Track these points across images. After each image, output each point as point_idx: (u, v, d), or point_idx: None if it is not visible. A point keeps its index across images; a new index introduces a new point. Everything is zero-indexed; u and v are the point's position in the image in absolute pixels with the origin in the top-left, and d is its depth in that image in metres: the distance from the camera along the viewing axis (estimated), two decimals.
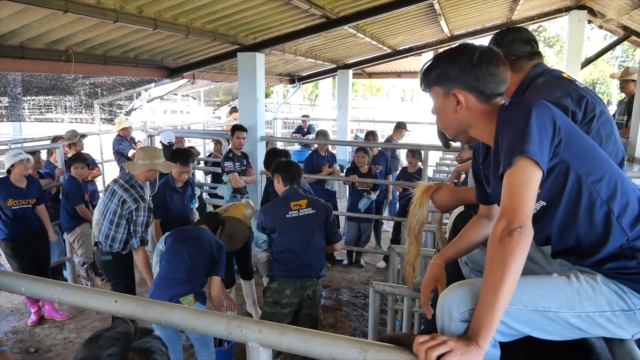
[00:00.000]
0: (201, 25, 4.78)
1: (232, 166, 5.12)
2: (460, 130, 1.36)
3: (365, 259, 6.27)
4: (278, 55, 7.11)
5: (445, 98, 1.31)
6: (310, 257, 3.18)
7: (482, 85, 1.27)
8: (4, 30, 3.70)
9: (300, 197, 3.22)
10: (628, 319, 1.20)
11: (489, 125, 1.29)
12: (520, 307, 1.18)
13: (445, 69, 1.30)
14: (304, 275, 3.17)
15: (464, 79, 1.27)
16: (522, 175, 1.12)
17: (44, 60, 4.41)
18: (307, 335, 1.14)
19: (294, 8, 4.67)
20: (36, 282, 1.47)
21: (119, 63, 5.28)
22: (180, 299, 3.08)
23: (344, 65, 9.70)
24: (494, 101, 1.29)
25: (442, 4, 6.00)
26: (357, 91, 31.40)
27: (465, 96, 1.28)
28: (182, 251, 3.21)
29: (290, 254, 3.15)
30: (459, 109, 1.30)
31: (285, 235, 3.16)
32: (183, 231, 3.46)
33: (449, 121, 1.35)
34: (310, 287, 3.19)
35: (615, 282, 1.22)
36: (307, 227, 3.18)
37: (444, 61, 1.31)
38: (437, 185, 1.87)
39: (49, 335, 4.27)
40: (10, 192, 4.20)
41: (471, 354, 1.04)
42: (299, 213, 3.18)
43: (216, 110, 13.25)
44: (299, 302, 3.19)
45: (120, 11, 3.76)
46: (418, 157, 5.87)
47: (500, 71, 1.28)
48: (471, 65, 1.27)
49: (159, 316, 1.27)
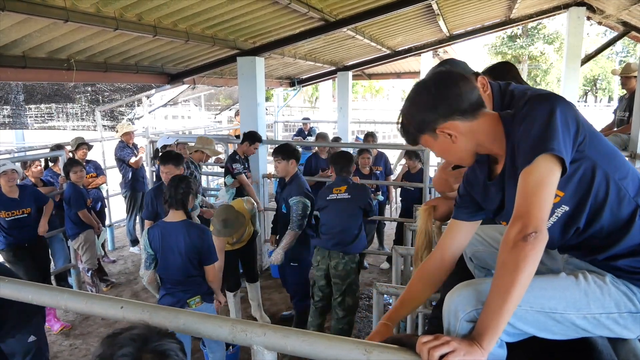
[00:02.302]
0: (201, 31, 4.81)
1: (241, 168, 5.07)
2: (472, 154, 1.30)
3: (368, 260, 6.27)
4: (277, 58, 7.14)
5: (437, 139, 1.27)
6: (338, 234, 3.72)
7: (457, 107, 1.22)
8: (6, 41, 3.73)
9: (343, 183, 3.85)
10: (635, 321, 1.19)
11: (498, 136, 1.24)
12: (526, 308, 1.18)
13: (416, 117, 1.26)
14: (332, 248, 3.74)
15: (438, 114, 1.23)
16: (541, 173, 1.07)
17: (46, 69, 4.44)
18: (312, 337, 1.15)
19: (292, 12, 4.69)
20: (43, 290, 1.49)
21: (120, 70, 5.30)
22: (188, 301, 3.09)
23: (343, 67, 9.72)
24: (482, 110, 1.25)
25: (440, 4, 6.01)
26: (357, 92, 31.43)
27: (451, 126, 1.23)
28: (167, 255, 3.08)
29: (325, 229, 3.80)
30: (455, 140, 1.25)
31: (324, 213, 3.84)
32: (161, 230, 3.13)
33: (457, 155, 1.30)
34: (334, 259, 3.74)
35: (625, 282, 1.20)
36: (341, 208, 3.76)
37: (411, 111, 1.28)
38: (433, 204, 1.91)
39: (55, 341, 4.29)
40: (1, 204, 4.22)
41: (474, 355, 1.03)
42: (337, 196, 3.80)
43: (217, 115, 13.28)
44: (326, 269, 3.81)
45: (120, 19, 3.79)
46: (416, 159, 5.85)
47: (461, 86, 1.23)
48: (433, 100, 1.23)
49: (164, 321, 1.29)
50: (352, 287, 3.80)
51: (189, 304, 3.10)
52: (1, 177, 4.20)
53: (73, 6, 3.35)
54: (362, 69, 10.73)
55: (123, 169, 6.37)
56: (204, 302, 3.17)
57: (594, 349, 1.33)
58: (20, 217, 4.31)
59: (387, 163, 6.58)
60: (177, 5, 3.88)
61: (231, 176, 5.05)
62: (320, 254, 3.83)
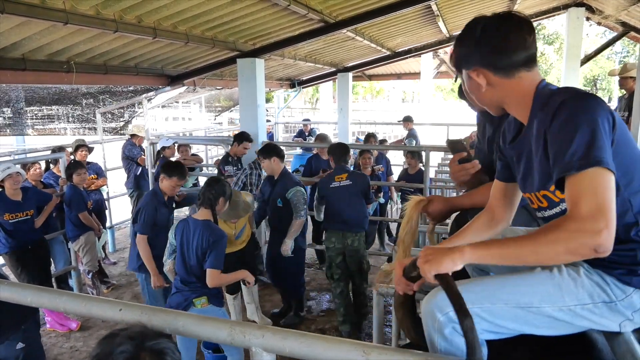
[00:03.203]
0: (200, 33, 4.81)
1: (232, 170, 5.15)
2: (497, 107, 1.32)
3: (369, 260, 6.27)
4: (277, 60, 7.15)
5: (469, 80, 1.29)
6: (348, 216, 4.19)
7: (493, 60, 1.22)
8: (6, 43, 3.74)
9: (344, 171, 4.28)
10: (610, 310, 1.21)
11: (522, 106, 1.25)
12: (501, 305, 1.21)
13: (458, 52, 1.28)
14: (343, 229, 4.20)
15: (474, 58, 1.24)
16: (601, 181, 1.04)
17: (46, 71, 4.45)
18: (310, 339, 1.15)
19: (292, 13, 4.70)
20: (42, 292, 1.49)
21: (120, 72, 5.31)
22: (194, 300, 3.08)
23: (343, 69, 9.72)
24: (517, 74, 1.23)
25: (439, 5, 6.02)
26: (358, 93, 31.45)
27: (483, 74, 1.24)
28: (183, 250, 3.14)
29: (335, 214, 4.23)
30: (482, 88, 1.27)
31: (330, 200, 4.24)
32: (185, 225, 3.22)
33: (482, 101, 1.33)
34: (349, 238, 4.22)
35: (599, 272, 1.22)
36: (346, 194, 4.20)
37: (457, 45, 1.29)
38: (428, 198, 1.90)
39: (55, 344, 4.29)
40: (5, 207, 4.23)
41: (453, 254, 1.12)
42: (340, 184, 4.23)
43: (217, 117, 13.30)
44: (342, 247, 4.24)
45: (119, 21, 3.79)
46: (418, 159, 5.87)
47: (510, 40, 1.20)
48: (475, 42, 1.23)
49: (162, 323, 1.29)
50: (364, 254, 4.41)
51: (194, 304, 3.09)
52: (6, 180, 4.21)
53: (73, 8, 3.36)
54: (363, 70, 10.75)
55: (130, 167, 6.44)
56: (210, 304, 3.14)
57: (594, 347, 1.34)
58: (23, 219, 4.32)
59: (388, 164, 6.59)
60: (176, 7, 3.88)
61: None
62: (334, 236, 4.25)
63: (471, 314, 1.22)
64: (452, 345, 1.23)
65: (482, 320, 1.22)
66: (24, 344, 2.81)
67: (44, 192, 4.81)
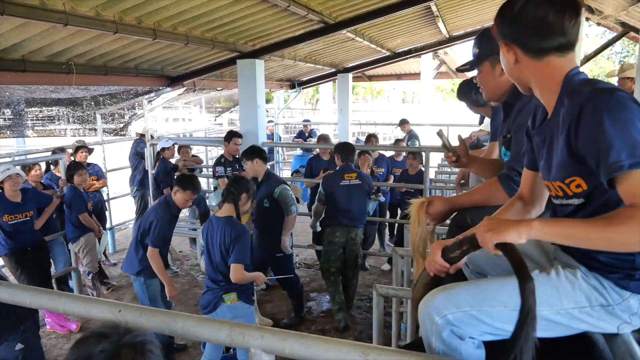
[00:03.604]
0: (200, 34, 4.82)
1: (223, 171, 5.23)
2: (525, 85, 1.30)
3: (369, 261, 6.27)
4: (277, 61, 7.15)
5: (502, 53, 1.29)
6: (354, 213, 4.51)
7: (525, 39, 1.20)
8: (6, 45, 3.74)
9: (352, 171, 4.56)
10: (607, 313, 1.21)
11: (548, 91, 1.23)
12: (500, 307, 1.20)
13: (498, 23, 1.27)
14: (348, 224, 4.50)
15: (509, 32, 1.23)
16: None
17: (46, 72, 4.45)
18: (309, 340, 1.15)
19: (291, 14, 4.70)
20: (41, 293, 1.49)
21: (120, 73, 5.31)
22: (223, 296, 3.12)
23: (343, 69, 9.73)
24: (547, 58, 1.20)
25: (439, 5, 6.02)
26: (358, 94, 31.46)
27: (513, 50, 1.24)
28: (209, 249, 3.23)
29: (342, 210, 4.49)
30: (510, 64, 1.26)
31: (338, 196, 4.47)
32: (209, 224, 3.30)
33: (510, 75, 1.32)
34: (353, 232, 4.54)
35: (596, 276, 1.22)
36: (355, 192, 4.51)
37: (497, 14, 1.28)
38: (429, 199, 1.89)
39: (55, 345, 4.29)
40: (4, 208, 4.22)
41: (519, 225, 1.10)
42: (350, 182, 4.50)
43: (217, 117, 13.30)
44: (345, 241, 4.53)
45: (119, 22, 3.80)
46: (419, 159, 5.88)
47: (547, 23, 1.16)
48: (512, 17, 1.22)
49: (162, 324, 1.29)
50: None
51: (224, 299, 3.13)
52: (6, 182, 4.21)
53: (72, 10, 3.36)
54: (363, 70, 10.75)
55: (138, 164, 6.52)
56: (240, 301, 3.17)
57: (594, 347, 1.34)
58: (22, 220, 4.32)
59: (388, 164, 6.59)
60: (176, 8, 3.89)
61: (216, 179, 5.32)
62: (339, 230, 4.53)
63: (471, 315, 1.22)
64: (449, 348, 1.22)
65: (481, 322, 1.22)
66: (23, 345, 2.82)
67: (44, 194, 4.81)
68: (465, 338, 1.23)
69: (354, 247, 4.60)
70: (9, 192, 4.25)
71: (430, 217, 1.88)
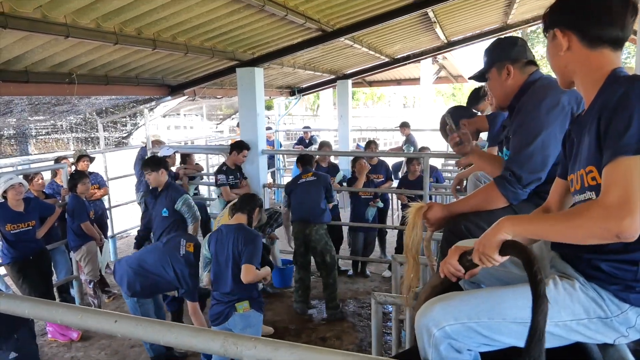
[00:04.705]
0: (199, 43, 4.86)
1: (225, 179, 5.31)
2: (567, 77, 1.30)
3: (370, 268, 6.28)
4: (277, 68, 7.19)
5: (553, 40, 1.29)
6: (308, 209, 4.78)
7: (584, 26, 1.21)
8: (9, 57, 3.78)
9: (309, 172, 4.99)
10: (605, 325, 1.20)
11: (592, 83, 1.22)
12: (499, 320, 1.20)
13: (551, 12, 1.29)
14: (304, 219, 4.78)
15: (567, 18, 1.24)
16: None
17: (48, 83, 4.50)
18: (301, 350, 1.16)
19: (289, 23, 4.74)
20: (38, 304, 1.50)
21: (121, 83, 5.36)
22: (236, 305, 3.15)
23: (343, 76, 9.76)
24: (600, 49, 1.21)
25: (436, 12, 6.05)
26: (359, 100, 31.49)
27: (567, 36, 1.24)
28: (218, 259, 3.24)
29: (298, 206, 4.84)
30: (561, 51, 1.26)
31: (294, 194, 4.88)
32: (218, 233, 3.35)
33: (556, 66, 1.31)
34: (308, 228, 4.77)
35: (594, 287, 1.21)
36: (310, 189, 4.83)
37: (552, 5, 1.29)
38: (428, 205, 1.91)
39: (56, 354, 4.31)
40: (7, 217, 4.27)
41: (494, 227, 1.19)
42: (305, 180, 4.89)
43: (218, 125, 13.34)
44: (303, 237, 4.79)
45: (119, 34, 3.84)
46: (417, 164, 5.88)
47: (610, 13, 1.18)
48: (573, 4, 1.23)
49: (157, 335, 1.31)
50: (327, 247, 4.83)
51: (236, 308, 3.15)
52: (9, 191, 4.25)
53: (73, 22, 3.40)
54: (362, 76, 10.78)
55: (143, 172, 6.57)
56: (252, 309, 3.20)
57: (589, 356, 1.34)
58: (25, 229, 4.36)
59: (387, 170, 6.60)
60: (175, 19, 3.93)
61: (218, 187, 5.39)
62: (296, 227, 4.85)
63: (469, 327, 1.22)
64: None
65: (479, 335, 1.22)
66: (17, 354, 2.83)
67: (47, 203, 4.85)
68: (463, 351, 1.23)
69: (316, 245, 4.76)
70: (12, 201, 4.29)
71: (428, 222, 1.90)
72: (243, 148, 5.42)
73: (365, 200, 5.98)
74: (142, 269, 3.60)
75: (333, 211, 5.86)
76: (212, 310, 3.28)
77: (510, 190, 1.79)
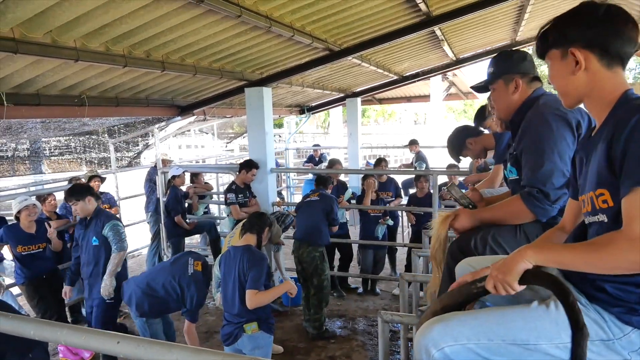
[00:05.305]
0: (208, 65, 4.94)
1: (234, 198, 5.34)
2: (577, 98, 1.26)
3: (380, 286, 6.21)
4: (286, 87, 7.27)
5: (563, 59, 1.23)
6: (307, 229, 4.76)
7: (607, 43, 1.16)
8: (20, 80, 3.88)
9: (316, 192, 5.00)
10: (607, 348, 1.18)
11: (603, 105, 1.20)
12: (498, 341, 1.19)
13: (564, 29, 1.22)
14: (301, 239, 4.80)
15: (586, 37, 1.17)
16: None
17: (59, 105, 4.59)
18: None
19: (296, 43, 4.81)
20: (43, 325, 1.51)
21: (131, 104, 5.45)
22: (244, 326, 3.14)
23: (352, 94, 9.83)
24: (615, 68, 1.18)
25: (443, 30, 6.09)
26: (370, 117, 31.62)
27: (585, 55, 1.18)
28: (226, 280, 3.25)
29: (299, 224, 4.88)
30: (577, 70, 1.20)
31: (300, 212, 4.94)
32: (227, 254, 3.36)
33: (566, 86, 1.25)
34: (301, 249, 4.76)
35: (597, 309, 1.19)
36: (311, 209, 4.84)
37: (563, 22, 1.23)
38: (455, 213, 1.90)
39: None
40: (19, 239, 4.32)
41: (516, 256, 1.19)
42: (311, 199, 4.92)
43: (229, 144, 13.46)
44: (297, 256, 4.81)
45: (128, 56, 3.92)
46: (427, 182, 5.86)
47: (629, 29, 1.16)
48: (595, 20, 1.17)
49: (157, 355, 1.30)
50: (317, 270, 4.73)
51: (245, 329, 3.14)
52: (22, 212, 4.30)
53: (83, 46, 3.48)
54: (372, 94, 10.83)
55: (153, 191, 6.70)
56: (261, 330, 3.19)
57: None
58: (35, 252, 4.40)
59: (397, 188, 6.58)
60: (183, 41, 4.00)
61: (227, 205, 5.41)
62: (294, 245, 4.88)
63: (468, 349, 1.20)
64: None
65: (478, 356, 1.21)
66: None
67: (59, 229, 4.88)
68: None
69: (308, 266, 4.72)
70: (25, 222, 4.34)
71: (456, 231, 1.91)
72: (252, 167, 5.46)
73: (374, 218, 5.95)
74: (151, 289, 3.61)
75: (342, 229, 5.85)
76: (223, 330, 3.29)
77: (539, 207, 1.78)
